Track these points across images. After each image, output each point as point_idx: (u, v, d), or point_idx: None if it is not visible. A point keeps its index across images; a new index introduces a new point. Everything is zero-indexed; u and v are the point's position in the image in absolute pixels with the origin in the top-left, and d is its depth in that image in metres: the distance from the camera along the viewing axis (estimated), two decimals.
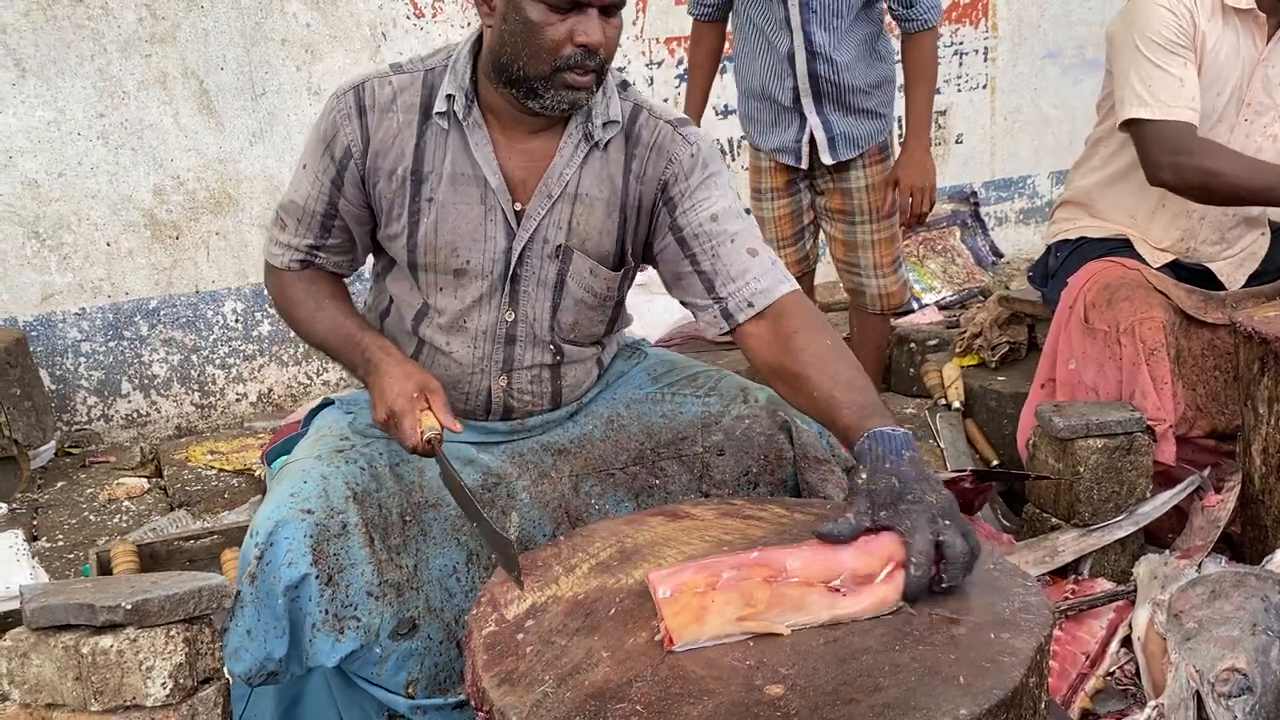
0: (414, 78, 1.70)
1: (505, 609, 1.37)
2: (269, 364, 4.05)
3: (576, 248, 1.74)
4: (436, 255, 1.73)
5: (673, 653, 1.23)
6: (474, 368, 1.80)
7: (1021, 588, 1.34)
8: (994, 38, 5.21)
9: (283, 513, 1.59)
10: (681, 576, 1.27)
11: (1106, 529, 2.25)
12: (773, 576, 1.27)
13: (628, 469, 1.85)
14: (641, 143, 1.73)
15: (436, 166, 1.69)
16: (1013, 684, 1.15)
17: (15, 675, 1.39)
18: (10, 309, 3.64)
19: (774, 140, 2.98)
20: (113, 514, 3.20)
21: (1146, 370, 2.28)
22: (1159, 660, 1.81)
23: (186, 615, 1.40)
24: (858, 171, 2.98)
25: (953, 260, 4.81)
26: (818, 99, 2.87)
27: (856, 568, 1.29)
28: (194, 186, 3.82)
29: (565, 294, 1.77)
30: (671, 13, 4.50)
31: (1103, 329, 2.34)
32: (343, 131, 1.70)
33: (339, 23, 3.93)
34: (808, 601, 1.27)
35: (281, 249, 1.80)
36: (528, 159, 1.70)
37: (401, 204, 1.71)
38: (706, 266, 1.71)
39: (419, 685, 1.68)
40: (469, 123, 1.68)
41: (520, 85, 1.60)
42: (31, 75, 3.54)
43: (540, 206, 1.71)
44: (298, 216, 1.78)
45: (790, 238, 3.11)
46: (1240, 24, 2.35)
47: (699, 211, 1.71)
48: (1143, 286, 2.36)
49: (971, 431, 3.02)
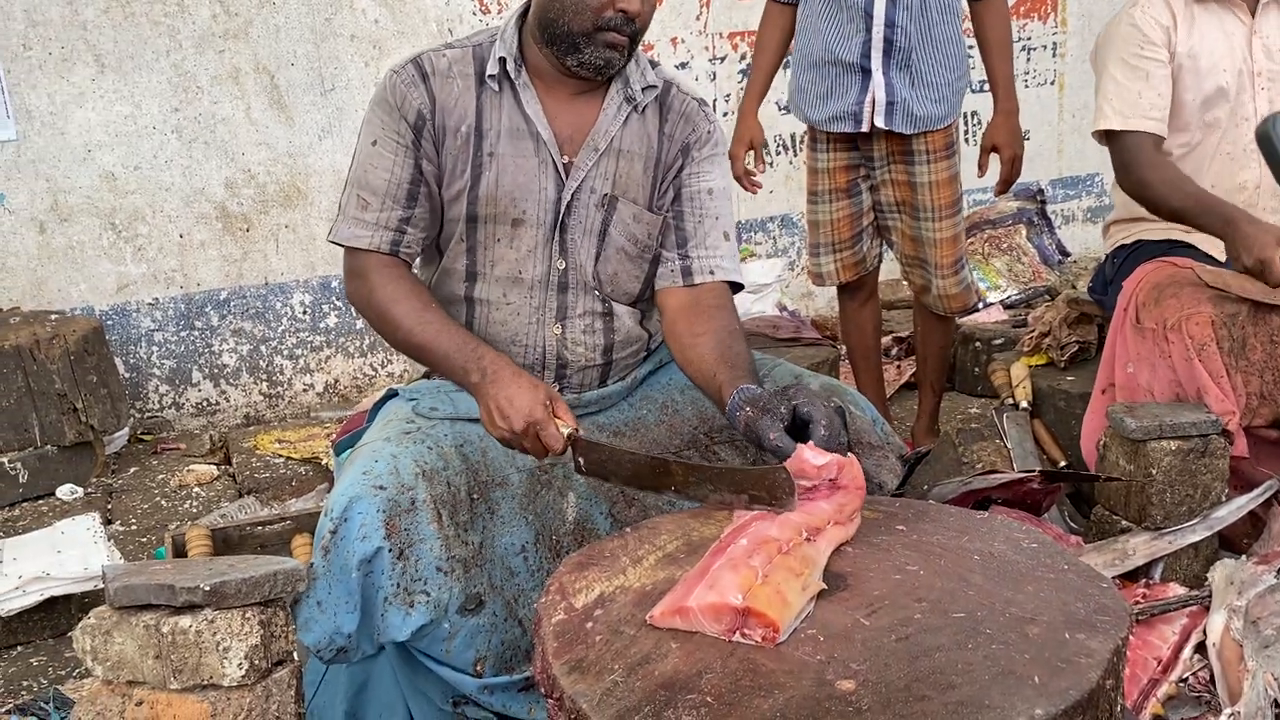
0: (464, 51, 1.84)
1: (574, 598, 1.38)
2: (335, 355, 4.12)
3: (621, 196, 1.88)
4: (497, 206, 1.83)
5: (780, 644, 1.22)
6: (531, 317, 1.88)
7: (1097, 589, 1.32)
8: (1063, 33, 5.12)
9: (356, 489, 1.63)
10: (720, 582, 1.28)
11: (1179, 533, 2.21)
12: (784, 544, 1.35)
13: (682, 453, 1.92)
14: (674, 110, 1.92)
15: (495, 124, 1.82)
16: (1089, 686, 1.13)
17: (99, 652, 1.43)
18: (88, 298, 3.74)
19: (831, 107, 2.90)
20: (183, 499, 3.28)
21: (1200, 365, 2.25)
22: (1235, 667, 1.77)
23: (262, 598, 1.43)
24: (922, 166, 2.93)
25: (1018, 259, 4.74)
26: (887, 55, 2.82)
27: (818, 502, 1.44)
28: (264, 180, 3.89)
29: (608, 243, 1.89)
30: (735, 8, 4.49)
31: (1151, 327, 2.33)
32: (410, 97, 1.79)
33: (406, 19, 3.98)
34: (813, 553, 1.37)
35: (370, 229, 1.82)
36: (573, 116, 1.85)
37: (465, 160, 1.81)
38: (689, 228, 1.92)
39: (486, 663, 1.71)
40: (520, 83, 1.82)
41: (562, 41, 1.76)
42: (110, 71, 3.64)
43: (587, 159, 1.84)
44: (382, 191, 1.81)
45: (848, 240, 3.05)
46: (1219, 6, 2.50)
47: (701, 180, 1.93)
48: (1191, 284, 2.35)
49: (1039, 432, 2.97)
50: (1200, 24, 2.50)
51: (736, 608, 1.24)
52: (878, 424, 1.90)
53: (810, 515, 1.43)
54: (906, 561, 1.41)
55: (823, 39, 2.88)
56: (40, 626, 2.52)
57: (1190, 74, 2.50)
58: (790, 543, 1.37)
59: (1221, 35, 2.49)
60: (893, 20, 2.79)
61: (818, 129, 2.98)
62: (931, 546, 1.46)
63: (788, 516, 1.42)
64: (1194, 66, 2.49)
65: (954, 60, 2.89)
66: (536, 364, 1.91)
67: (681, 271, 1.91)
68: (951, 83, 2.89)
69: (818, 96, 2.94)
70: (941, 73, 2.86)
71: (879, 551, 1.45)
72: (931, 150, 2.91)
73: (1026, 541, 1.47)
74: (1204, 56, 2.49)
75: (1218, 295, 2.33)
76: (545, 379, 1.91)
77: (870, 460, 1.84)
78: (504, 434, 1.67)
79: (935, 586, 1.34)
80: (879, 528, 1.53)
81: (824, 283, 3.14)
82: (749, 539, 1.37)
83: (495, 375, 1.70)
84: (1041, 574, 1.37)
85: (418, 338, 1.79)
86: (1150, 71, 2.48)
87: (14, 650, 2.50)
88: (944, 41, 2.85)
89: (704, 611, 1.25)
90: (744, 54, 4.55)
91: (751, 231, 4.73)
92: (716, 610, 1.25)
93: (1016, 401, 3.08)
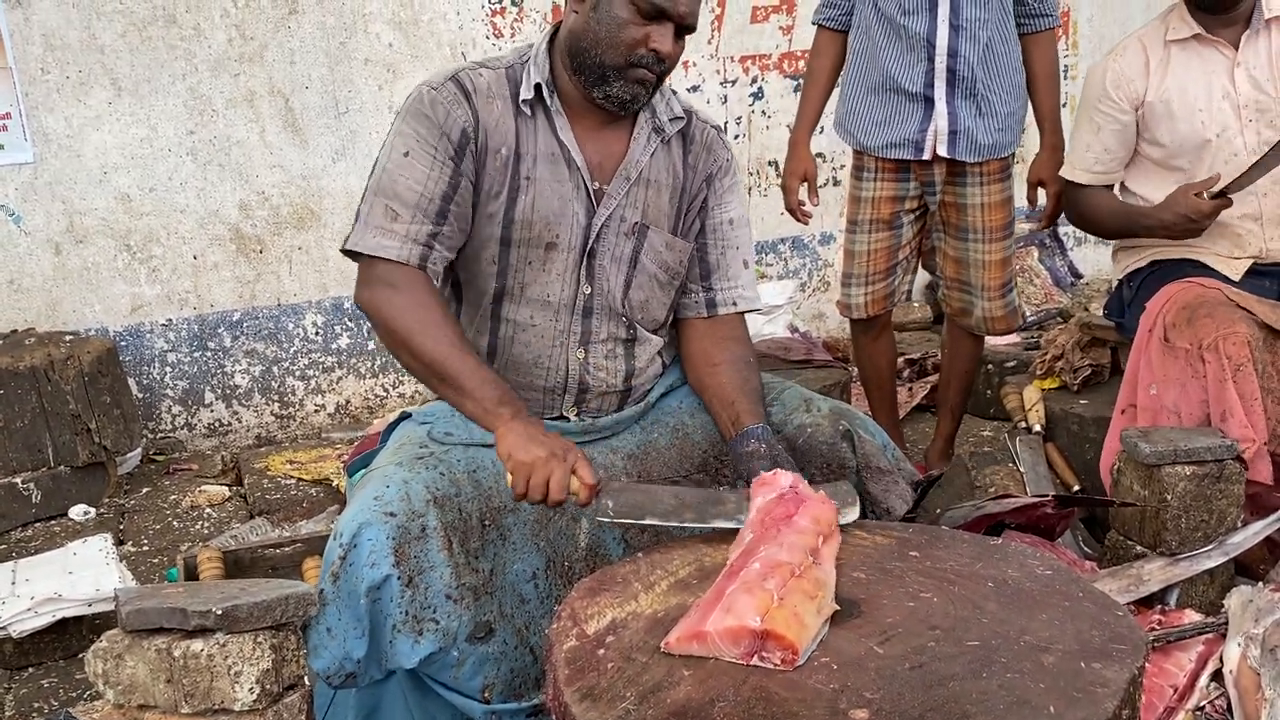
0: (498, 73, 1.84)
1: (586, 624, 1.38)
2: (347, 376, 4.13)
3: (651, 225, 1.90)
4: (532, 230, 1.83)
5: (798, 667, 1.23)
6: (555, 340, 1.88)
7: (1113, 617, 1.31)
8: (1074, 55, 5.13)
9: (366, 515, 1.63)
10: (737, 606, 1.27)
11: (1195, 559, 2.19)
12: (796, 568, 1.37)
13: (692, 476, 1.92)
14: (696, 141, 1.95)
15: (531, 148, 1.83)
16: (1105, 715, 1.12)
17: (110, 675, 1.43)
18: (102, 319, 3.76)
19: (890, 134, 2.86)
20: (195, 520, 3.28)
21: (1234, 387, 2.23)
22: (1252, 696, 1.75)
23: (274, 622, 1.43)
24: (975, 188, 2.89)
25: (1030, 281, 4.74)
26: (951, 85, 2.80)
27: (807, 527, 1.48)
28: (278, 202, 3.91)
29: (639, 270, 1.91)
30: (746, 31, 4.51)
31: (1184, 347, 2.30)
32: (454, 113, 1.78)
33: (420, 43, 4.01)
34: (823, 576, 1.40)
35: (399, 240, 1.75)
36: (602, 144, 1.86)
37: (502, 182, 1.81)
38: (712, 259, 1.98)
39: (494, 690, 1.70)
40: (553, 109, 1.83)
41: (591, 72, 1.77)
42: (126, 94, 3.67)
43: (619, 188, 1.86)
44: (413, 203, 1.76)
45: (882, 273, 2.99)
46: (1199, 44, 2.53)
47: (723, 211, 1.98)
48: (1224, 304, 2.33)
49: (1052, 456, 2.95)
50: (1176, 66, 2.52)
51: (755, 630, 1.24)
52: (888, 449, 1.89)
53: (804, 535, 1.45)
54: (920, 588, 1.41)
55: (881, 66, 2.84)
56: (52, 648, 2.52)
57: (1164, 118, 2.53)
58: (801, 565, 1.37)
59: (1202, 74, 2.50)
60: (955, 50, 2.77)
61: (869, 155, 2.92)
62: (945, 573, 1.45)
63: (794, 540, 1.43)
64: (1167, 111, 2.52)
65: (1016, 88, 2.88)
66: (558, 387, 1.90)
67: (706, 304, 1.98)
68: (1016, 110, 2.89)
69: (875, 123, 2.88)
70: (1007, 100, 2.85)
71: (892, 578, 1.44)
72: (986, 174, 2.88)
73: (1041, 568, 1.47)
74: (1178, 100, 2.50)
75: (1248, 316, 2.32)
76: (565, 403, 1.92)
77: (879, 485, 1.83)
78: (534, 458, 1.60)
79: (949, 614, 1.34)
80: (892, 554, 1.52)
81: (851, 314, 3.07)
82: (761, 563, 1.37)
83: (529, 417, 1.68)
84: (1056, 601, 1.36)
85: (444, 363, 1.71)
86: (1101, 125, 2.62)
87: (25, 671, 2.50)
88: (1007, 70, 2.84)
89: (721, 636, 1.25)
90: (755, 77, 4.57)
91: (763, 253, 4.73)
92: (735, 634, 1.25)
93: (1029, 425, 3.07)
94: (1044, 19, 2.85)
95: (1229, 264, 2.51)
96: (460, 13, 4.06)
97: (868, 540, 1.57)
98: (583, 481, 1.60)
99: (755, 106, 4.59)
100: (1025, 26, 2.86)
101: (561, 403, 1.91)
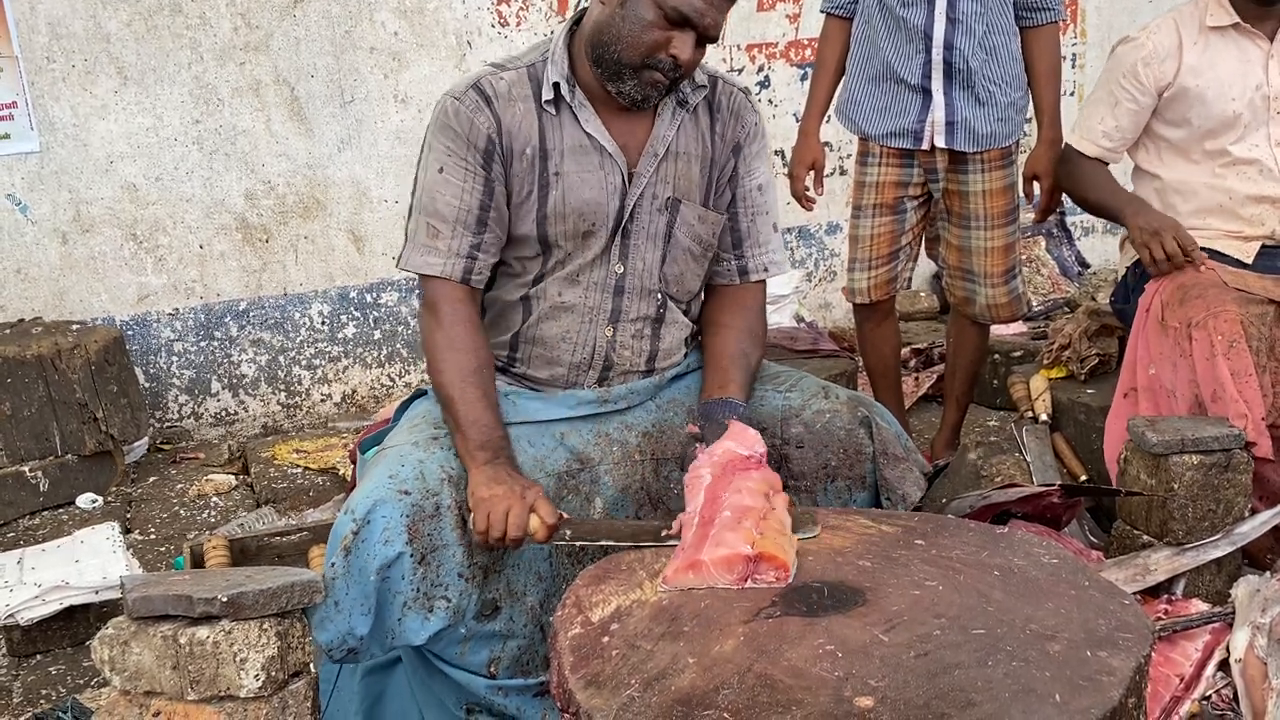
0: (519, 74, 1.85)
1: (590, 611, 1.38)
2: (353, 365, 4.13)
3: (683, 198, 1.91)
4: (566, 222, 1.84)
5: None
6: (585, 316, 1.89)
7: (1119, 605, 1.31)
8: (1082, 44, 5.11)
9: (381, 492, 1.64)
10: (725, 539, 1.43)
11: (1202, 548, 2.18)
12: (763, 510, 1.50)
13: None
14: (723, 108, 1.94)
15: (558, 144, 1.84)
16: (1111, 704, 1.12)
17: (116, 662, 1.43)
18: (109, 308, 3.77)
19: (890, 123, 2.87)
20: (201, 509, 3.29)
21: (1225, 364, 2.24)
22: (1259, 685, 1.74)
23: (279, 609, 1.43)
24: (977, 175, 2.89)
25: (1038, 271, 4.72)
26: (948, 77, 2.80)
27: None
28: (284, 191, 3.91)
29: (674, 244, 1.92)
30: (752, 19, 4.50)
31: (1175, 325, 2.34)
32: (477, 122, 1.79)
33: (425, 31, 4.00)
34: (783, 518, 1.53)
35: (442, 257, 1.81)
36: (628, 125, 1.87)
37: (531, 181, 1.83)
38: (744, 227, 1.99)
39: (500, 664, 1.72)
40: (576, 103, 1.83)
41: (608, 67, 1.77)
42: (132, 83, 3.67)
43: (648, 165, 1.87)
44: (452, 218, 1.80)
45: (884, 258, 2.99)
46: (1237, 33, 2.53)
47: (752, 178, 1.98)
48: (1217, 286, 2.37)
49: (1059, 446, 2.94)
50: (1214, 52, 2.52)
51: (748, 556, 1.38)
52: (901, 437, 1.91)
53: (758, 484, 1.58)
54: (925, 577, 1.40)
55: (882, 55, 2.85)
56: (59, 635, 2.53)
57: (1196, 101, 2.53)
58: (765, 510, 1.51)
59: (1238, 63, 2.51)
60: (951, 43, 2.77)
61: (872, 142, 2.93)
62: (950, 562, 1.45)
63: (752, 487, 1.55)
64: (1200, 94, 2.52)
65: (1017, 79, 2.87)
66: (584, 363, 1.91)
67: (738, 271, 2.01)
68: (1015, 101, 2.88)
69: (876, 110, 2.90)
70: (1007, 91, 2.84)
71: (897, 567, 1.44)
72: (988, 161, 2.88)
73: (1047, 557, 1.46)
74: (1212, 84, 2.51)
75: (1243, 296, 2.34)
76: (589, 379, 1.92)
77: (895, 472, 1.86)
78: (493, 494, 1.63)
79: (954, 602, 1.33)
80: (897, 542, 1.52)
81: (856, 299, 3.08)
82: (731, 510, 1.49)
83: (505, 460, 1.70)
84: (1062, 590, 1.36)
85: (450, 391, 1.76)
86: (1119, 101, 2.60)
87: (33, 659, 2.51)
88: (1005, 61, 2.83)
89: (717, 564, 1.39)
90: (761, 66, 4.55)
91: None
92: (729, 561, 1.39)
93: (1036, 415, 3.06)
94: (1044, 13, 2.83)
95: (1240, 245, 2.52)
96: (466, 1, 4.05)
97: (873, 529, 1.57)
98: (542, 520, 1.62)
99: (762, 95, 4.58)
100: (1026, 20, 2.85)
101: (585, 378, 1.92)
